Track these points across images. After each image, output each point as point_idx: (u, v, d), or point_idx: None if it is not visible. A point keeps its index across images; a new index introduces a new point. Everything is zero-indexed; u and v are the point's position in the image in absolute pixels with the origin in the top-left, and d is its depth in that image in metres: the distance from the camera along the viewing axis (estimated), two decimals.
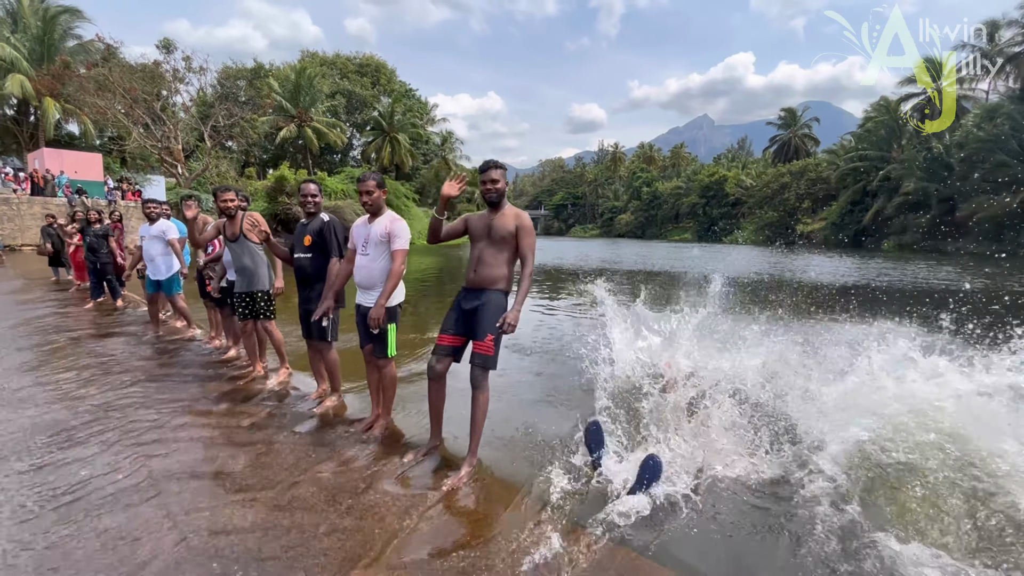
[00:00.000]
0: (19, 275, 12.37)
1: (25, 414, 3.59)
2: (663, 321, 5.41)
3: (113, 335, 6.18)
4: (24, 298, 8.69)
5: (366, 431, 3.42)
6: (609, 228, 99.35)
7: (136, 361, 5.06)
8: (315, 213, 3.78)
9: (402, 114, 53.47)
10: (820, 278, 16.75)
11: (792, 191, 57.89)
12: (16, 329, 6.25)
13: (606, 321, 5.23)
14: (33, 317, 7.04)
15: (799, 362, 3.96)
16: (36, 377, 4.46)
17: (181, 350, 5.46)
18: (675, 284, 12.99)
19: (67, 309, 7.82)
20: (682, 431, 3.16)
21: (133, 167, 34.97)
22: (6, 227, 20.80)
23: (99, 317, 7.25)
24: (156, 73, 28.47)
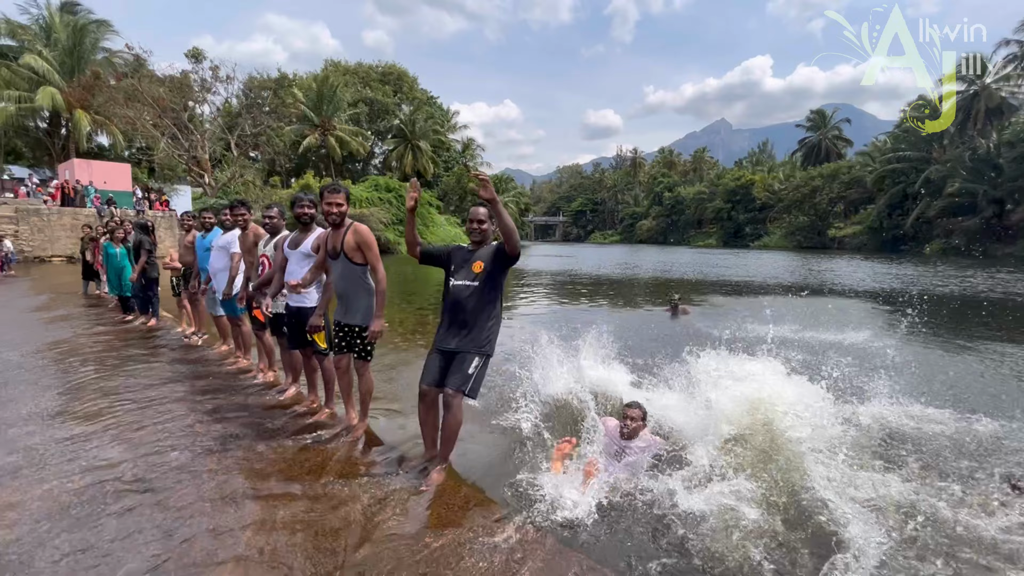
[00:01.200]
0: (46, 288, 11.83)
1: (38, 491, 2.73)
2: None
3: (154, 361, 5.35)
4: (50, 315, 8.01)
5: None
6: (630, 234, 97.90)
7: (186, 400, 4.20)
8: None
9: (424, 121, 53.23)
10: (940, 289, 15.17)
11: (824, 194, 55.87)
12: (40, 356, 5.49)
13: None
14: (60, 339, 6.29)
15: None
16: (63, 428, 3.61)
17: (238, 387, 4.56)
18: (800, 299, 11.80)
19: (97, 328, 7.08)
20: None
21: (161, 177, 35.08)
22: (36, 238, 20.61)
23: (134, 338, 6.47)
24: (184, 83, 28.37)
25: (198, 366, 5.11)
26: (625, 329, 7.90)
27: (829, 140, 63.17)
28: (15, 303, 9.41)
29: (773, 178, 71.36)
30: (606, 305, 12.03)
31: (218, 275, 4.93)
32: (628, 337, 6.81)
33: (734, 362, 4.05)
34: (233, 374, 4.86)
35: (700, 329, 7.95)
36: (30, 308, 8.77)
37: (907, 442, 3.72)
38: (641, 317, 10.14)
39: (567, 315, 10.15)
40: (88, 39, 31.66)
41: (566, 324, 8.07)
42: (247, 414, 3.84)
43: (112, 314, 8.26)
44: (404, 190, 39.05)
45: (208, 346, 5.98)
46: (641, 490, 2.96)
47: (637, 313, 10.91)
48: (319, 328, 3.61)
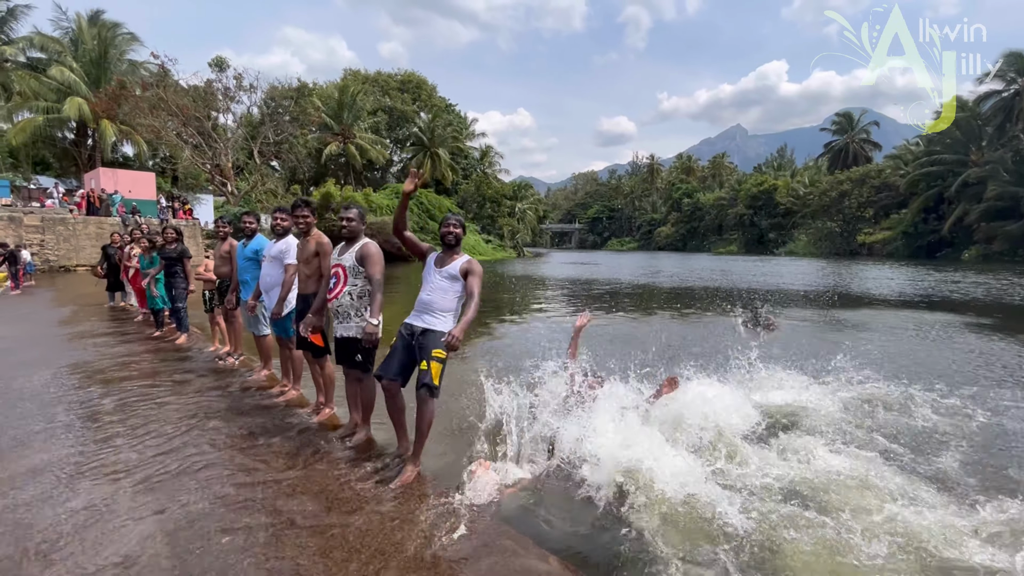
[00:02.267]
0: (70, 299, 11.36)
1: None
2: None
3: (186, 391, 4.65)
4: (73, 331, 7.43)
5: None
6: (648, 241, 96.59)
7: (232, 447, 3.47)
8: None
9: (443, 129, 52.99)
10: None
11: (853, 199, 54.13)
12: (59, 382, 4.83)
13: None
14: (82, 361, 5.66)
15: None
16: (80, 491, 2.90)
17: (290, 428, 3.79)
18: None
19: (123, 347, 6.45)
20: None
21: (183, 186, 35.15)
22: (61, 247, 20.44)
23: (162, 359, 5.80)
24: (208, 92, 28.34)
25: (239, 398, 4.39)
26: (712, 347, 6.93)
27: (857, 144, 61.40)
28: (38, 315, 8.89)
29: (797, 183, 69.66)
30: (675, 318, 10.95)
31: (271, 291, 4.19)
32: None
33: None
34: (282, 410, 4.12)
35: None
36: (53, 322, 8.23)
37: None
38: (715, 330, 9.07)
39: (643, 333, 8.91)
40: (114, 50, 31.94)
41: (652, 345, 6.93)
42: (311, 470, 3.08)
43: (138, 328, 7.66)
44: (424, 197, 38.68)
45: (246, 368, 5.29)
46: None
47: (708, 326, 9.83)
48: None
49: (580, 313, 4.61)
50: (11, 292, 12.81)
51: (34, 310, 9.56)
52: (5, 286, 13.34)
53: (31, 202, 21.55)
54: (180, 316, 6.53)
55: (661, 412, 3.74)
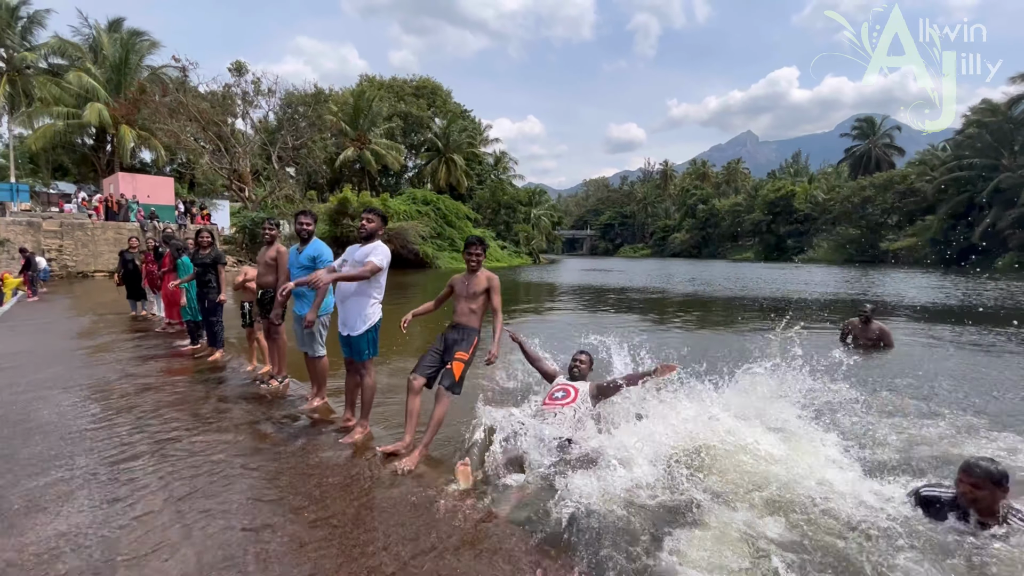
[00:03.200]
0: (89, 307, 10.82)
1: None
2: None
3: (227, 425, 3.96)
4: (93, 344, 6.81)
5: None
6: (661, 247, 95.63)
7: (298, 515, 2.74)
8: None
9: (458, 134, 52.65)
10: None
11: (877, 205, 52.79)
12: (77, 410, 4.17)
13: None
14: (103, 381, 5.01)
15: None
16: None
17: (363, 483, 3.03)
18: None
19: (149, 364, 5.80)
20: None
21: (200, 192, 34.97)
22: (80, 253, 20.10)
23: (194, 381, 5.13)
24: (227, 96, 28.11)
25: (296, 437, 3.67)
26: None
27: (879, 149, 60.08)
28: (56, 326, 8.32)
29: (815, 189, 68.38)
30: (746, 331, 9.67)
31: (348, 301, 3.48)
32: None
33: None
34: (350, 454, 3.37)
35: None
36: (71, 333, 7.64)
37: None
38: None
39: (713, 345, 7.81)
40: (134, 56, 31.92)
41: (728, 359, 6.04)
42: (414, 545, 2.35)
43: (163, 341, 7.03)
44: (441, 202, 38.13)
45: (293, 394, 4.59)
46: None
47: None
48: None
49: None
50: (28, 299, 12.34)
51: (52, 320, 9.00)
52: (22, 292, 12.88)
53: (50, 207, 21.28)
54: (214, 330, 5.88)
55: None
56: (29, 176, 32.07)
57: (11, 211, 20.69)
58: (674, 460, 3.11)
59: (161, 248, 8.22)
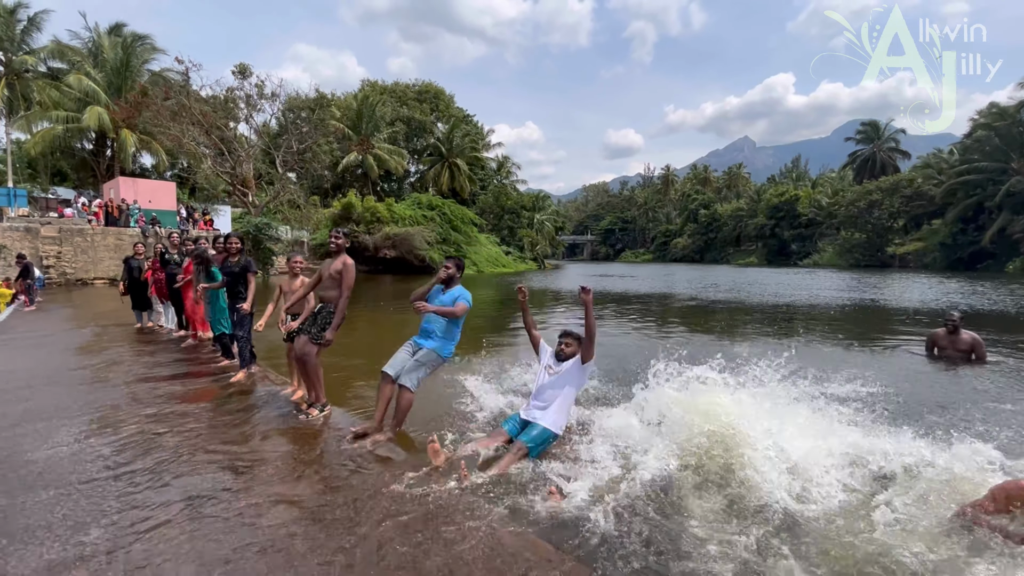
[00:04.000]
0: (90, 318, 10.12)
1: None
2: None
3: (272, 474, 3.26)
4: (96, 362, 6.12)
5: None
6: (663, 253, 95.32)
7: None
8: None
9: (460, 139, 52.14)
10: None
11: (884, 209, 52.38)
12: (88, 450, 3.48)
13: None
14: (115, 412, 4.31)
15: None
16: None
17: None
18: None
19: (163, 387, 5.11)
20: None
21: (201, 197, 34.29)
22: (79, 259, 19.40)
23: (219, 410, 4.44)
24: (230, 99, 27.50)
25: (369, 491, 2.96)
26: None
27: (884, 153, 59.78)
28: (54, 340, 7.62)
29: (819, 193, 68.12)
30: (835, 341, 8.82)
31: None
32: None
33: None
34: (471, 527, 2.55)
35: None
36: (72, 348, 6.95)
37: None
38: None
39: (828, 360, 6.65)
40: (135, 59, 31.34)
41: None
42: None
43: (175, 356, 6.35)
44: (447, 207, 37.49)
45: (340, 430, 3.91)
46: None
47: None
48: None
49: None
50: (25, 309, 11.63)
51: (50, 333, 8.30)
52: (19, 302, 12.17)
53: (48, 212, 20.60)
54: (243, 347, 5.20)
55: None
56: (28, 182, 31.36)
57: (8, 216, 20.00)
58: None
59: (168, 255, 7.57)
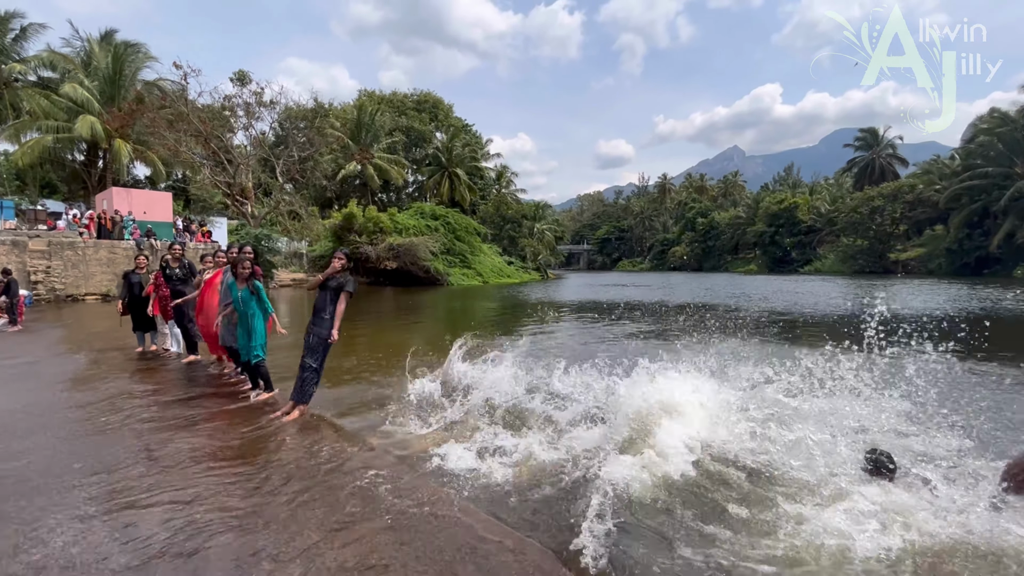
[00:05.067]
0: (82, 340, 9.06)
1: None
2: None
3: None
4: (97, 399, 5.11)
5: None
6: (661, 261, 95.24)
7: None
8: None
9: (460, 148, 51.52)
10: None
11: (887, 215, 52.19)
12: (93, 549, 2.50)
13: None
14: (121, 470, 3.33)
15: None
16: None
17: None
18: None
19: (188, 437, 4.12)
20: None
21: (196, 209, 33.22)
22: (69, 274, 18.27)
23: (277, 467, 3.46)
24: (226, 107, 26.63)
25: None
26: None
27: (883, 159, 59.86)
28: (42, 369, 6.59)
29: (817, 200, 68.16)
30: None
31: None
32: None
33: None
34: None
35: None
36: (64, 379, 5.93)
37: None
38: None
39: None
40: (128, 67, 30.38)
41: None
42: None
43: (189, 390, 5.36)
44: (451, 217, 36.65)
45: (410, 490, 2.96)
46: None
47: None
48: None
49: None
50: (9, 329, 10.55)
51: (37, 359, 7.25)
52: (3, 321, 11.08)
53: (37, 225, 19.49)
54: (310, 380, 4.28)
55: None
56: (16, 194, 30.15)
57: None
58: None
59: (169, 270, 6.61)
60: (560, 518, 2.82)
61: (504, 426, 4.29)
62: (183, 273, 6.38)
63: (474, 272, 34.41)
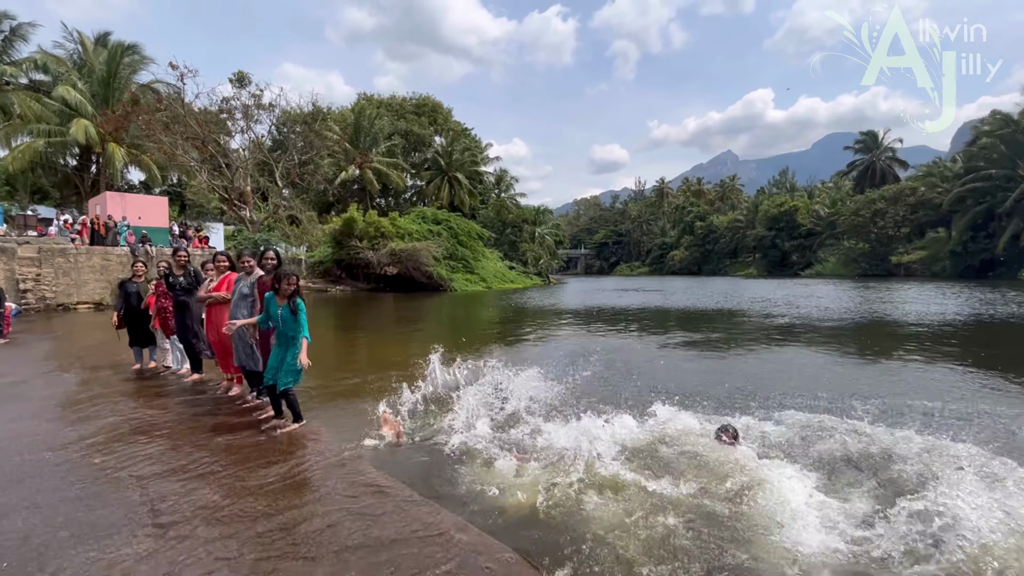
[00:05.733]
0: (74, 355, 8.30)
1: None
2: None
3: None
4: (90, 431, 4.39)
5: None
6: (659, 265, 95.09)
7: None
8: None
9: (460, 153, 50.94)
10: None
11: (889, 218, 51.98)
12: None
13: None
14: (135, 554, 2.63)
15: None
16: None
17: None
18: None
19: (206, 487, 3.42)
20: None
21: (191, 214, 32.41)
22: (60, 282, 17.44)
23: (326, 520, 2.77)
24: (226, 110, 25.91)
25: None
26: None
27: (883, 162, 59.78)
28: (27, 391, 5.85)
29: (816, 203, 68.07)
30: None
31: None
32: None
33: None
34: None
35: None
36: (50, 407, 5.19)
37: None
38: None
39: None
40: (123, 70, 29.60)
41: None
42: None
43: (199, 418, 4.65)
44: (453, 221, 35.98)
45: None
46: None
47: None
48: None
49: None
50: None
51: (22, 379, 6.50)
52: None
53: (27, 231, 18.68)
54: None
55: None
56: (5, 200, 29.28)
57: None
58: None
59: (173, 278, 5.90)
60: None
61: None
62: (188, 282, 5.66)
63: (477, 277, 33.70)
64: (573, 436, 3.98)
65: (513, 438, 4.27)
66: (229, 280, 5.16)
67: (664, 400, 5.09)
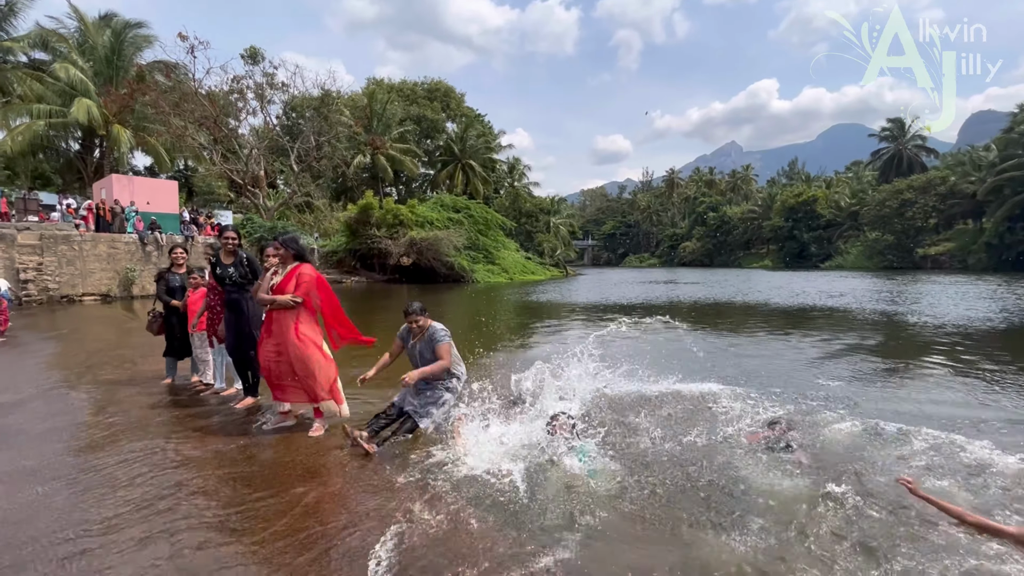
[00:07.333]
0: (84, 363, 6.83)
1: None
2: None
3: None
4: (117, 501, 2.97)
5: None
6: (670, 256, 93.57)
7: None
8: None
9: (474, 139, 49.18)
10: None
11: (918, 208, 50.16)
12: None
13: None
14: None
15: None
16: None
17: None
18: None
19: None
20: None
21: (198, 200, 30.95)
22: (64, 272, 16.02)
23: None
24: (237, 90, 24.29)
25: None
26: None
27: (911, 151, 57.79)
28: (26, 423, 4.38)
29: (836, 193, 66.16)
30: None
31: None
32: None
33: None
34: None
35: None
36: (61, 452, 3.72)
37: None
38: None
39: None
40: (128, 48, 27.90)
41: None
42: None
43: (262, 475, 3.21)
44: (473, 209, 34.38)
45: None
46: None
47: None
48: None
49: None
50: None
51: (19, 398, 5.03)
52: None
53: (27, 216, 17.23)
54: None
55: None
56: (4, 184, 27.80)
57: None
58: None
59: (221, 269, 4.39)
60: None
61: None
62: (240, 274, 4.16)
63: (499, 268, 32.21)
64: None
65: None
66: (301, 276, 3.71)
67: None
